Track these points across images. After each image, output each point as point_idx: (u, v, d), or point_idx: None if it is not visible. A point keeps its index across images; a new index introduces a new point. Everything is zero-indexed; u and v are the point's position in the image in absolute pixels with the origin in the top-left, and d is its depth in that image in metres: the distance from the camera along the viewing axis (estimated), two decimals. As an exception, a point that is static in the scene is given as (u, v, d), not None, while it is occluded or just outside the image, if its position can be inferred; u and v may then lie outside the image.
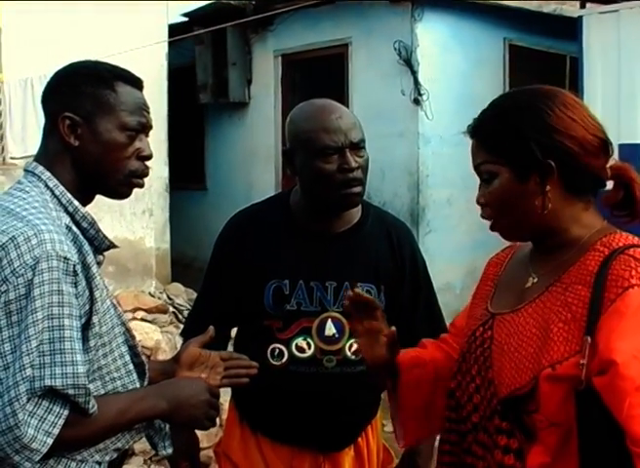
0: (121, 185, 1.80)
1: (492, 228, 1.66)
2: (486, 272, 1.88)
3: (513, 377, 1.51)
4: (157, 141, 6.85)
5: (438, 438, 1.83)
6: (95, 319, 1.69)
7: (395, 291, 2.29)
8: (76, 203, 1.74)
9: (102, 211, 5.05)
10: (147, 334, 5.58)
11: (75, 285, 1.62)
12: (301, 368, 2.23)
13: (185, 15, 8.51)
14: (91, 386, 1.68)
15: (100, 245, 1.80)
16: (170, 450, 2.02)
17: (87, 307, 1.67)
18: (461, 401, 1.68)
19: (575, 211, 1.57)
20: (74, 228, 1.71)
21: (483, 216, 1.65)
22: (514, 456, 1.51)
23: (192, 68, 8.61)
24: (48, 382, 1.55)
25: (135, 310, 5.95)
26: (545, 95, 1.58)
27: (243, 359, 2.01)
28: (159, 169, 6.93)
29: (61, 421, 1.57)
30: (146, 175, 1.84)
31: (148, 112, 1.83)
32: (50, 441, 1.56)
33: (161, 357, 5.37)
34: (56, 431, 1.57)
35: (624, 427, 1.33)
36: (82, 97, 1.74)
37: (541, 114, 1.53)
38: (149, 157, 1.82)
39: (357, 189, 2.16)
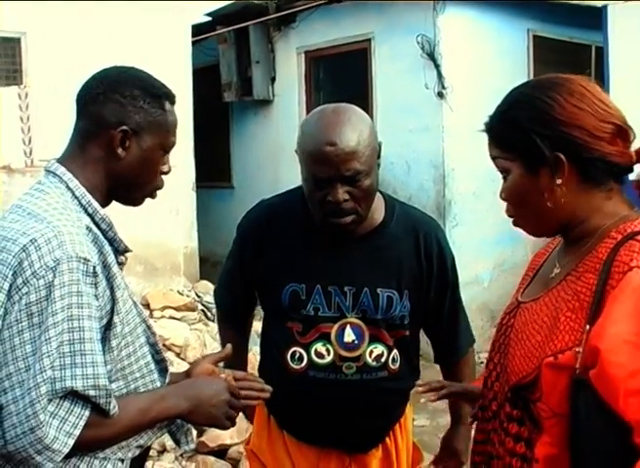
0: (144, 197, 1.88)
1: (514, 224, 1.65)
2: (531, 262, 1.86)
3: (522, 365, 1.51)
4: (183, 140, 6.86)
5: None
6: (116, 319, 1.71)
7: (421, 292, 2.23)
8: (95, 204, 1.76)
9: (129, 210, 5.04)
10: (176, 332, 5.62)
11: (95, 286, 1.64)
12: (321, 373, 2.20)
13: (209, 14, 8.54)
14: (113, 386, 1.72)
15: (119, 246, 1.83)
16: (192, 446, 2.05)
17: (108, 307, 1.69)
18: (488, 388, 1.69)
19: (595, 200, 1.52)
20: (94, 229, 1.73)
21: (508, 214, 1.64)
22: (525, 445, 1.51)
23: (216, 67, 8.65)
24: (69, 384, 1.57)
25: (163, 308, 5.99)
26: (550, 85, 1.55)
27: (257, 381, 2.01)
28: (185, 168, 6.96)
29: (82, 422, 1.59)
30: (162, 187, 1.90)
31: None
32: (71, 442, 1.58)
33: (191, 354, 5.41)
34: (77, 432, 1.59)
35: (625, 418, 1.28)
36: (138, 111, 1.77)
37: (544, 107, 1.50)
38: (168, 172, 1.89)
39: (347, 219, 2.07)
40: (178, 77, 6.85)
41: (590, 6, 6.84)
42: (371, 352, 2.19)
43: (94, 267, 1.63)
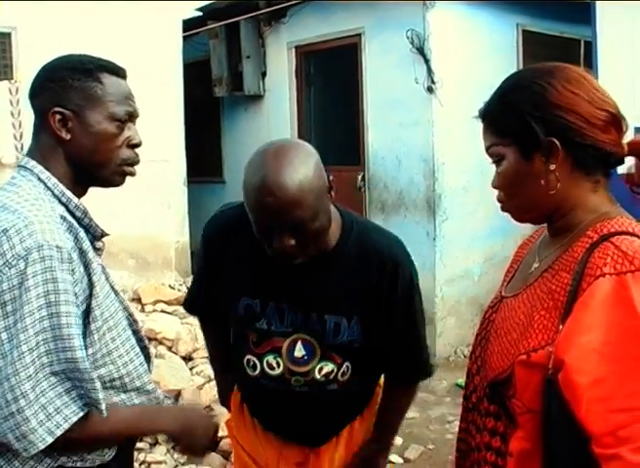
0: (114, 174, 1.85)
1: (502, 209, 1.64)
2: (515, 254, 1.85)
3: (498, 362, 1.52)
4: (174, 135, 6.92)
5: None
6: (94, 303, 1.73)
7: (373, 320, 2.13)
8: (68, 193, 1.78)
9: (121, 205, 5.13)
10: (168, 326, 5.64)
11: (72, 271, 1.66)
12: (272, 383, 2.21)
13: (199, 9, 8.55)
14: (103, 371, 1.75)
15: (95, 232, 1.84)
16: None
17: (87, 292, 1.72)
18: (468, 381, 1.72)
19: (582, 192, 1.53)
20: (69, 217, 1.75)
21: (498, 199, 1.63)
22: (500, 439, 1.53)
23: (207, 62, 8.65)
24: (49, 370, 1.60)
25: (155, 302, 6.01)
26: (547, 71, 1.55)
27: None
28: (177, 162, 6.99)
29: (67, 425, 1.63)
30: (137, 162, 1.87)
31: (134, 101, 1.87)
32: (50, 439, 1.61)
33: (182, 348, 5.44)
34: (58, 432, 1.62)
35: (585, 426, 1.29)
36: (70, 90, 1.77)
37: (542, 91, 1.51)
38: (139, 144, 1.87)
39: (294, 261, 1.98)
40: (168, 72, 6.88)
41: (579, 1, 6.88)
42: (320, 369, 2.17)
43: (69, 253, 1.65)
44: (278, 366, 2.19)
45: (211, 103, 9.10)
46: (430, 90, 6.68)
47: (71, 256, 1.66)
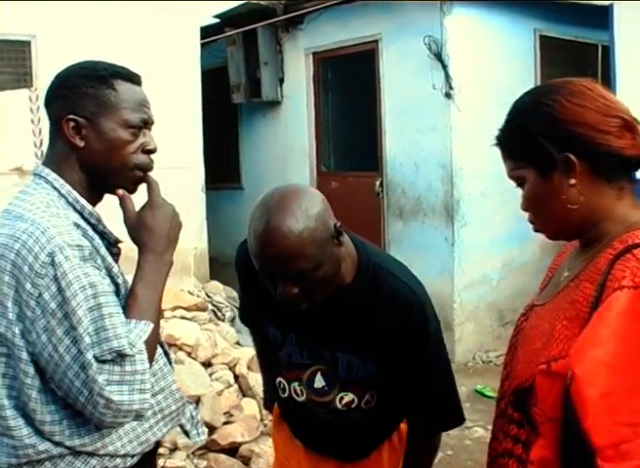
0: (127, 181, 1.85)
1: (535, 230, 1.66)
2: (553, 262, 1.86)
3: (522, 370, 1.54)
4: (192, 142, 6.94)
5: None
6: (120, 303, 1.74)
7: (388, 362, 2.08)
8: (82, 201, 1.79)
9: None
10: (187, 332, 5.64)
11: (98, 268, 1.69)
12: (298, 407, 2.25)
13: (217, 16, 8.58)
14: None
15: (110, 238, 1.86)
16: (204, 437, 2.10)
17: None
18: (501, 386, 1.72)
19: (607, 201, 1.53)
20: (83, 224, 1.76)
21: (529, 221, 1.65)
22: (522, 447, 1.53)
23: (225, 69, 8.69)
24: (114, 344, 1.62)
25: (174, 308, 6.01)
26: (551, 89, 1.57)
27: None
28: (195, 169, 7.00)
29: (140, 384, 1.66)
30: (151, 168, 1.88)
31: (149, 108, 1.87)
32: (145, 396, 1.67)
33: (202, 353, 5.45)
34: (146, 386, 1.67)
35: (589, 438, 1.29)
36: (83, 98, 1.78)
37: (548, 109, 1.52)
38: (154, 150, 1.86)
39: (300, 307, 1.96)
40: (187, 79, 6.90)
41: (596, 5, 6.86)
42: (341, 398, 2.16)
43: (90, 251, 1.67)
44: (302, 393, 2.22)
45: (229, 110, 9.13)
46: (448, 95, 6.68)
47: (92, 254, 1.68)
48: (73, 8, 6.03)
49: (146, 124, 1.86)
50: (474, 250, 6.88)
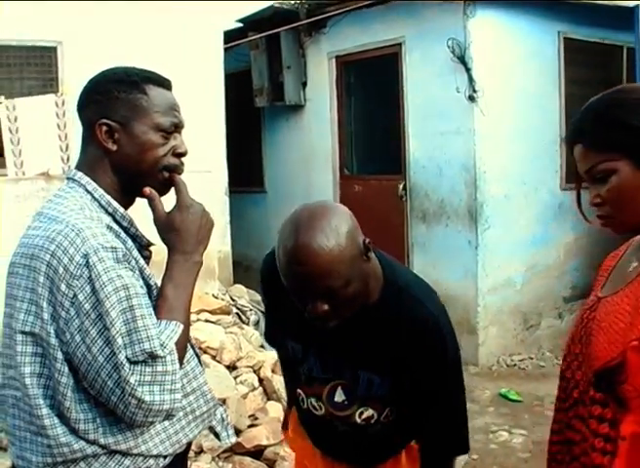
0: (156, 182, 1.87)
1: (606, 225, 1.69)
2: (603, 265, 1.91)
3: (606, 350, 1.58)
4: (216, 146, 6.97)
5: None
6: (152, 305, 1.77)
7: (404, 383, 2.10)
8: (115, 204, 1.83)
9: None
10: (212, 335, 5.67)
11: (131, 270, 1.72)
12: (317, 420, 2.27)
13: (240, 21, 8.61)
14: None
15: (142, 241, 1.89)
16: (233, 439, 2.12)
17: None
18: (568, 380, 1.80)
19: None
20: (115, 227, 1.79)
21: (599, 216, 1.68)
22: (608, 425, 1.60)
23: (248, 73, 8.72)
24: (146, 345, 1.64)
25: (199, 312, 6.04)
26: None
27: None
28: (218, 172, 7.03)
29: (171, 384, 1.68)
30: (181, 171, 1.90)
31: (179, 112, 1.90)
32: (177, 396, 1.70)
33: (226, 357, 5.48)
34: (176, 386, 1.70)
35: None
36: (116, 102, 1.81)
37: None
38: (185, 154, 1.90)
39: (329, 324, 1.97)
40: (210, 83, 6.94)
41: (621, 6, 6.83)
42: (361, 413, 2.17)
43: (124, 253, 1.70)
44: (320, 408, 2.23)
45: (252, 114, 9.17)
46: (472, 98, 6.67)
47: (126, 256, 1.71)
48: (99, 14, 6.09)
49: (177, 127, 1.89)
50: (498, 253, 6.86)
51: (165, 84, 1.90)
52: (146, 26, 6.36)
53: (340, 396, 2.17)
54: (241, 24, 8.68)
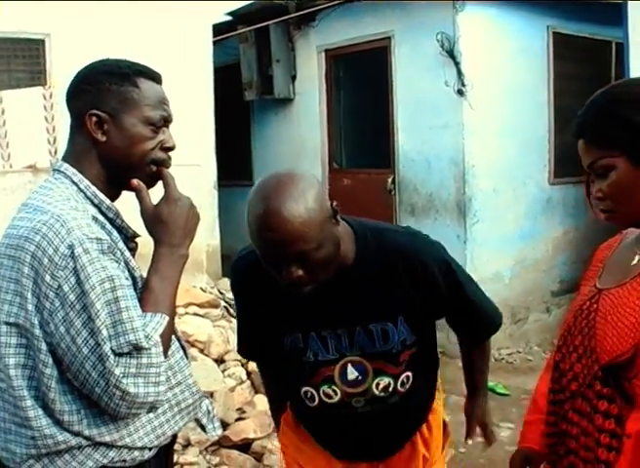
0: (143, 175, 1.87)
1: (609, 219, 1.69)
2: (596, 256, 1.92)
3: (615, 345, 1.57)
4: (205, 139, 6.96)
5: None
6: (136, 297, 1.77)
7: (420, 312, 2.17)
8: (101, 195, 1.82)
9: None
10: (200, 328, 5.67)
11: (116, 262, 1.71)
12: (333, 410, 2.25)
13: (229, 14, 8.59)
14: None
15: (128, 233, 1.89)
16: (219, 431, 2.12)
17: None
18: (564, 371, 1.76)
19: None
20: (101, 218, 1.79)
21: (602, 210, 1.69)
22: (614, 421, 1.58)
23: (237, 66, 8.70)
24: (123, 339, 1.64)
25: (187, 305, 6.03)
26: None
27: None
28: (207, 166, 7.02)
29: (160, 377, 1.69)
30: (169, 165, 1.91)
31: (169, 106, 1.90)
32: (161, 388, 1.71)
33: (214, 350, 5.47)
34: (161, 378, 1.70)
35: None
36: (107, 94, 1.81)
37: None
38: (173, 148, 1.90)
39: (306, 289, 1.98)
40: (199, 76, 6.92)
41: (610, 2, 6.84)
42: (377, 384, 2.19)
43: (109, 245, 1.70)
44: (335, 393, 2.21)
45: (241, 107, 9.15)
46: (460, 92, 6.67)
47: (111, 247, 1.71)
48: (87, 6, 6.06)
49: (166, 121, 1.89)
50: (486, 247, 6.88)
51: (155, 77, 1.90)
52: (135, 19, 6.34)
53: (352, 373, 2.18)
54: (230, 18, 8.67)
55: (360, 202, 7.38)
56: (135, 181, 1.86)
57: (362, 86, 8.06)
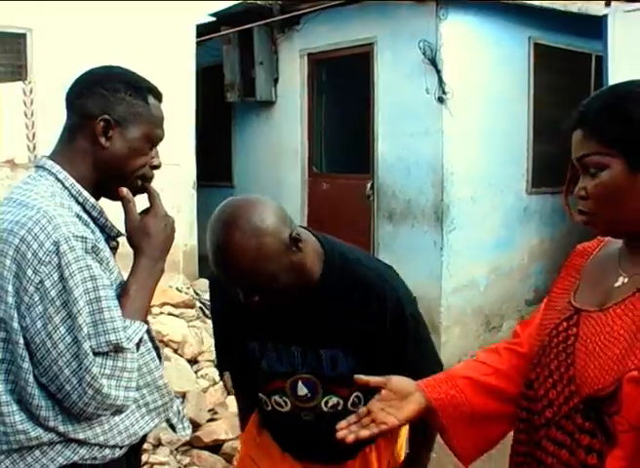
0: (130, 187, 1.91)
1: (588, 222, 1.56)
2: (571, 261, 1.79)
3: (597, 377, 1.47)
4: (185, 139, 6.95)
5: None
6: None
7: (369, 348, 2.11)
8: (85, 193, 1.83)
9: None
10: (174, 328, 5.66)
11: (99, 262, 1.74)
12: (283, 418, 2.27)
13: (213, 15, 8.59)
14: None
15: (111, 232, 1.90)
16: (189, 431, 2.13)
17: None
18: (538, 394, 1.64)
19: None
20: (84, 216, 1.80)
21: (580, 210, 1.56)
22: (597, 457, 1.47)
23: (220, 67, 8.69)
24: (103, 339, 1.66)
25: (162, 305, 6.03)
26: None
27: None
28: (187, 166, 7.01)
29: (133, 381, 1.73)
30: (151, 179, 1.95)
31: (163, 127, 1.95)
32: (132, 394, 1.74)
33: (188, 350, 5.47)
34: (133, 384, 1.73)
35: None
36: (121, 103, 1.84)
37: None
38: (159, 166, 1.95)
39: (264, 310, 2.00)
40: (181, 76, 6.91)
41: (591, 15, 6.92)
42: (326, 402, 2.19)
43: (93, 244, 1.72)
44: (285, 404, 2.24)
45: (222, 108, 9.14)
46: (441, 100, 6.71)
47: (94, 247, 1.73)
48: (70, 2, 6.03)
49: (160, 141, 1.94)
50: (462, 254, 6.91)
51: (160, 97, 1.95)
52: (119, 17, 6.33)
53: (302, 389, 2.18)
54: (214, 19, 8.66)
55: (339, 207, 7.40)
56: (124, 190, 1.89)
57: (344, 90, 8.08)
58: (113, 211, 1.97)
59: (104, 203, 1.92)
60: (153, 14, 6.56)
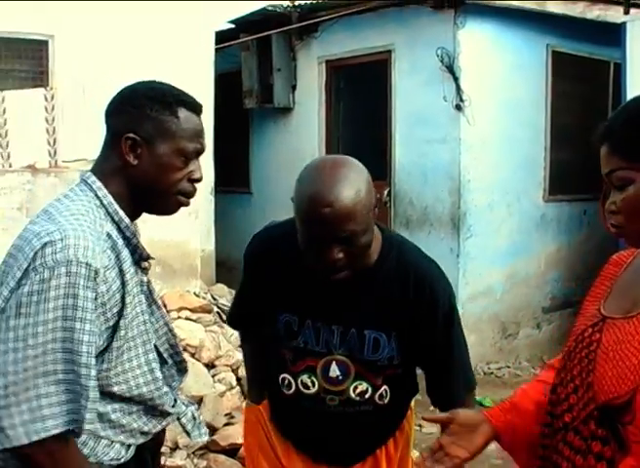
0: (170, 204, 1.90)
1: (619, 235, 1.56)
2: (605, 270, 1.78)
3: (613, 385, 1.46)
4: (203, 145, 6.99)
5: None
6: (122, 322, 1.78)
7: (411, 336, 2.16)
8: (121, 213, 1.83)
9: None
10: (192, 333, 5.69)
11: (95, 290, 1.69)
12: (306, 402, 2.26)
13: (232, 22, 8.63)
14: (115, 388, 1.80)
15: (142, 254, 1.89)
16: (205, 438, 2.13)
17: (115, 310, 1.76)
18: (560, 398, 1.65)
19: None
20: (115, 236, 1.80)
21: (612, 224, 1.56)
22: (606, 464, 1.47)
23: (238, 74, 8.73)
24: (52, 377, 1.64)
25: (180, 309, 6.06)
26: None
27: None
28: (205, 172, 6.95)
29: (55, 431, 1.64)
30: (193, 195, 1.93)
31: (204, 138, 1.92)
32: (32, 437, 1.62)
33: (205, 355, 5.50)
34: (43, 435, 1.62)
35: None
36: (146, 120, 1.82)
37: None
38: (200, 179, 1.92)
39: (339, 275, 2.02)
40: (200, 83, 6.94)
41: (610, 22, 6.91)
42: (355, 388, 2.20)
43: (96, 271, 1.68)
44: (313, 385, 2.23)
45: (240, 115, 9.17)
46: (459, 108, 6.72)
47: (99, 274, 1.69)
48: (91, 10, 6.09)
49: (198, 154, 1.91)
50: (479, 261, 6.92)
51: (196, 109, 1.91)
52: (138, 24, 6.37)
53: (334, 371, 2.19)
54: (233, 25, 8.70)
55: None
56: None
57: (361, 97, 8.10)
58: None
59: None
60: (173, 21, 6.61)
